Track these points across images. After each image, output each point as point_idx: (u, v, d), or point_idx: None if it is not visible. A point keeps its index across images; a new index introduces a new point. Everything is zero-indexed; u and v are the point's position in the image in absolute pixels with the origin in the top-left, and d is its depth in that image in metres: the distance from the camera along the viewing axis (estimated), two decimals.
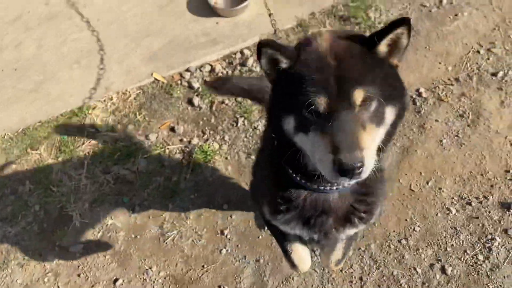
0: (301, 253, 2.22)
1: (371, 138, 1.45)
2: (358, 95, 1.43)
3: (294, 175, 1.67)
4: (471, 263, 3.06)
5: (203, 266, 3.20)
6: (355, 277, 3.07)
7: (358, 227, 1.84)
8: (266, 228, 3.11)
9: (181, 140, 3.81)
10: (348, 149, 1.36)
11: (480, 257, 3.07)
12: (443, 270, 3.05)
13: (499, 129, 3.63)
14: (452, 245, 3.15)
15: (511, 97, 3.79)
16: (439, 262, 3.09)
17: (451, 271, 3.04)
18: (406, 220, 3.27)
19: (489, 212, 3.25)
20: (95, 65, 4.25)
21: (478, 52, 4.10)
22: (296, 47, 1.55)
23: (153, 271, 3.20)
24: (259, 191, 2.06)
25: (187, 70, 4.18)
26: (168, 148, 3.76)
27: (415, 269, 3.07)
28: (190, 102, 4.01)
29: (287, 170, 1.67)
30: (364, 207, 1.78)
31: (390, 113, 1.53)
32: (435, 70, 4.03)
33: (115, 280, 3.19)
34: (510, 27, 4.22)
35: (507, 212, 3.23)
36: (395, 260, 3.12)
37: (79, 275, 3.23)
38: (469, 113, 3.74)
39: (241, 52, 4.25)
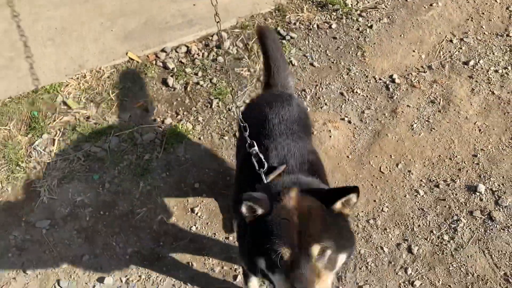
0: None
1: (324, 285, 1.76)
2: (315, 249, 1.75)
3: None
4: (436, 243, 3.11)
5: (172, 243, 3.18)
6: None
7: None
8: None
9: (154, 120, 3.79)
10: None
11: (446, 237, 3.13)
12: (409, 249, 3.10)
13: (469, 115, 3.71)
14: (419, 225, 3.20)
15: (481, 85, 3.87)
16: (406, 241, 3.13)
17: (417, 250, 3.09)
18: (374, 201, 3.31)
19: (456, 194, 3.31)
20: (69, 43, 4.18)
21: (451, 41, 4.17)
22: (270, 198, 1.88)
23: (121, 247, 3.17)
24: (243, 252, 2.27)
25: (163, 50, 4.15)
26: (141, 127, 3.73)
27: (382, 248, 3.11)
28: (164, 82, 3.98)
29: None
30: None
31: (341, 259, 1.86)
32: (409, 58, 4.09)
33: (82, 256, 3.15)
34: (483, 18, 4.30)
35: (473, 194, 3.30)
36: (363, 240, 3.15)
37: (45, 251, 3.17)
38: (440, 100, 3.80)
39: (218, 34, 4.24)
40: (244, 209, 1.86)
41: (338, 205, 1.85)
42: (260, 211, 1.84)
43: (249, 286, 2.80)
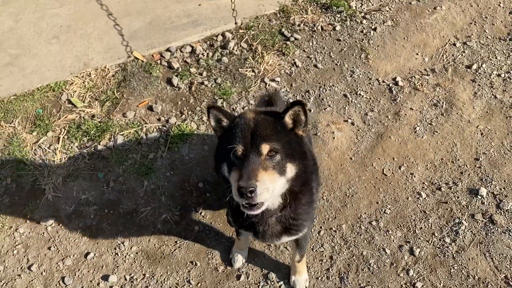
0: (244, 241, 3.06)
1: (268, 178, 1.99)
2: (264, 147, 2.03)
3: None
4: (438, 245, 3.14)
5: (176, 242, 3.20)
6: (325, 256, 3.12)
7: (289, 237, 2.48)
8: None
9: (159, 119, 3.81)
10: (246, 178, 1.94)
11: (447, 240, 3.16)
12: (411, 251, 3.13)
13: (471, 119, 3.73)
14: (421, 228, 3.22)
15: (483, 88, 3.89)
16: (408, 243, 3.16)
17: (419, 252, 3.11)
18: (377, 202, 3.33)
19: (458, 197, 3.34)
20: (74, 41, 4.20)
21: (455, 44, 4.20)
22: (235, 117, 2.21)
23: (125, 246, 3.19)
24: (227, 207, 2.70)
25: (168, 50, 4.17)
26: (145, 126, 3.75)
27: (384, 249, 3.14)
28: (169, 81, 4.00)
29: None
30: (292, 227, 2.40)
31: (291, 168, 2.09)
32: (412, 60, 4.12)
33: (87, 254, 3.17)
34: (486, 22, 4.33)
35: (474, 198, 3.33)
36: (365, 241, 3.18)
37: (49, 248, 3.19)
38: (443, 103, 3.83)
39: (223, 34, 4.26)
40: (212, 120, 2.21)
41: (287, 119, 2.14)
42: (225, 121, 2.19)
43: (240, 239, 3.00)
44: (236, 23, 2.76)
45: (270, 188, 1.99)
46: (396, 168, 3.49)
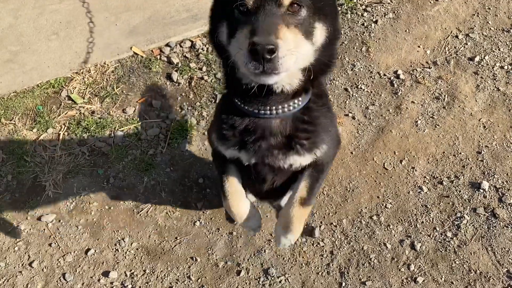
0: (237, 189, 2.12)
1: (291, 36, 1.41)
2: None
3: (237, 101, 1.71)
4: (439, 240, 3.12)
5: (176, 238, 3.20)
6: (325, 251, 3.11)
7: (301, 156, 1.78)
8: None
9: (158, 115, 3.79)
10: (263, 32, 1.35)
11: (449, 234, 3.13)
12: (412, 246, 3.11)
13: (473, 112, 3.69)
14: (422, 222, 3.20)
15: (486, 81, 3.85)
16: (409, 238, 3.14)
17: (420, 247, 3.10)
18: (378, 197, 3.31)
19: (460, 191, 3.31)
20: (73, 37, 4.18)
21: (457, 36, 4.15)
22: None
23: (126, 242, 3.19)
24: (212, 126, 2.05)
25: (167, 45, 4.14)
26: (145, 122, 3.74)
27: (385, 244, 3.12)
28: (169, 77, 3.98)
29: (232, 98, 1.73)
30: (305, 135, 1.73)
31: (320, 31, 1.51)
32: (414, 53, 4.07)
33: (87, 250, 3.18)
34: (489, 13, 4.27)
35: (476, 191, 3.30)
36: (366, 236, 3.16)
37: (50, 245, 3.20)
38: (445, 96, 3.79)
39: None
40: None
41: None
42: None
43: (225, 182, 2.12)
44: None
45: (294, 52, 1.42)
46: (397, 162, 3.46)
